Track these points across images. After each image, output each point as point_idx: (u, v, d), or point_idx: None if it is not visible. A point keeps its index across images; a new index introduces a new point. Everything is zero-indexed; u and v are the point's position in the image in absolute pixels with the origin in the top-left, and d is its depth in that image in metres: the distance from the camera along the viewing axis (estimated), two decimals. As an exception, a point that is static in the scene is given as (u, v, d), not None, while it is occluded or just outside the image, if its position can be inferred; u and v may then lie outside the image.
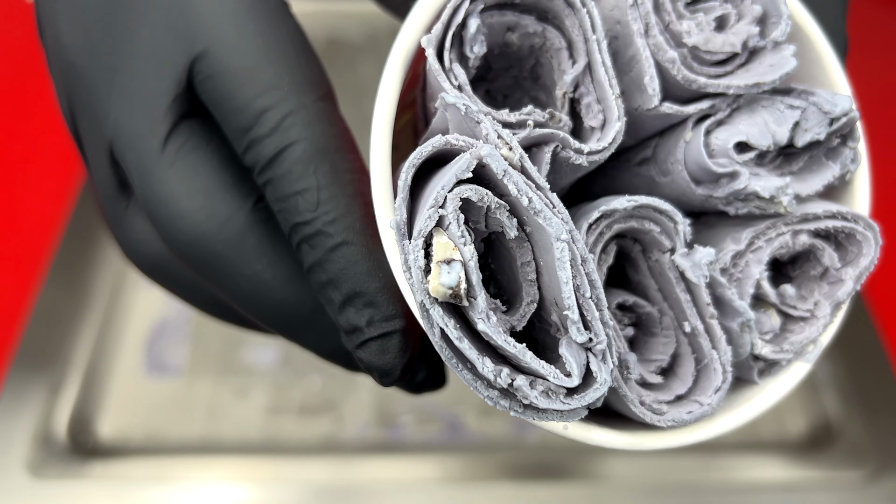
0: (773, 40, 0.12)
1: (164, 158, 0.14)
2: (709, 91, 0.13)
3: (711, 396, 0.13)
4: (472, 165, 0.11)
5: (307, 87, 0.14)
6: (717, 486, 0.39)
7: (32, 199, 0.54)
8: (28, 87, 0.63)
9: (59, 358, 0.43)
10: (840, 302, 0.14)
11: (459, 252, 0.11)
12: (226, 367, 0.44)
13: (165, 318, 0.47)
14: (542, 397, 0.12)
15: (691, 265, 0.13)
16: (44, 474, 0.39)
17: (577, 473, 0.39)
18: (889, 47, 0.67)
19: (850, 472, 0.39)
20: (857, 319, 0.45)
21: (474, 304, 0.11)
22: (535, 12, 0.13)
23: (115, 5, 0.14)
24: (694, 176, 0.13)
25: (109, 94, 0.14)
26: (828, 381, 0.43)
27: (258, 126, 0.13)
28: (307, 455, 0.40)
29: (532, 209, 0.11)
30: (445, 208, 0.11)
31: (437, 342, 0.12)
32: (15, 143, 0.58)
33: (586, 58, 0.12)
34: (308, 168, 0.13)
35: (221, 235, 0.14)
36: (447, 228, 0.11)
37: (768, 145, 0.12)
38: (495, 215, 0.12)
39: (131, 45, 0.14)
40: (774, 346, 0.14)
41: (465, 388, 0.45)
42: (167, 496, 0.38)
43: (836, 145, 0.14)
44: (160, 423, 0.42)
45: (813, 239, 0.14)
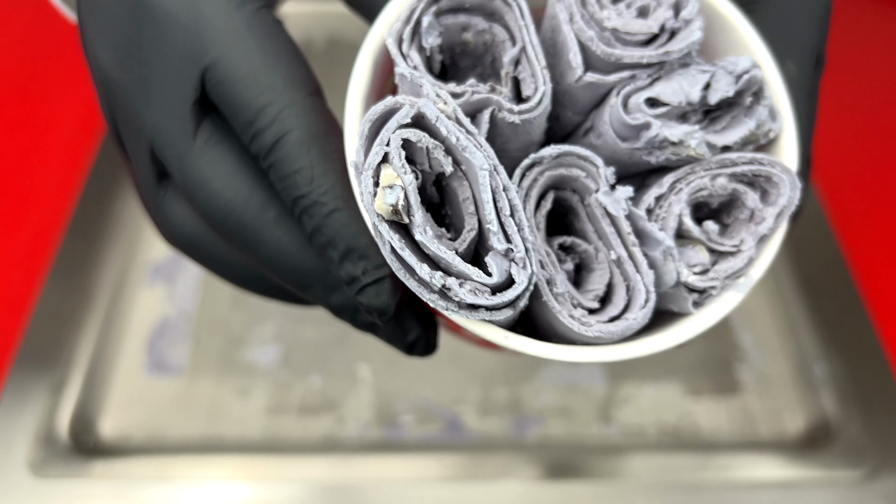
0: (683, 19, 0.15)
1: (196, 151, 0.17)
2: (626, 62, 0.15)
3: (637, 313, 0.15)
4: (412, 113, 0.14)
5: (299, 86, 0.17)
6: (715, 485, 0.39)
7: (35, 200, 0.54)
8: (31, 87, 0.63)
9: (61, 357, 0.43)
10: (763, 236, 0.16)
11: (401, 180, 0.14)
12: (227, 367, 0.44)
13: (166, 318, 0.47)
14: (470, 294, 0.14)
15: (612, 201, 0.15)
16: (45, 473, 0.39)
17: (575, 472, 0.40)
18: (889, 47, 0.67)
19: (848, 471, 0.39)
20: (856, 319, 0.45)
21: (413, 221, 0.14)
22: (483, 13, 0.16)
23: (141, 28, 0.17)
24: (619, 133, 0.15)
25: (144, 103, 0.17)
26: (826, 381, 0.43)
27: (259, 120, 0.16)
28: (308, 454, 0.40)
29: (460, 146, 0.14)
30: (389, 146, 0.14)
31: (388, 255, 0.14)
32: (18, 143, 0.58)
33: (521, 42, 0.15)
34: (302, 150, 0.16)
35: (247, 209, 0.17)
36: (391, 162, 0.14)
37: (679, 101, 0.15)
38: (434, 155, 0.14)
39: (156, 59, 0.17)
40: (702, 276, 0.15)
41: (465, 387, 0.45)
42: (168, 495, 0.39)
43: (750, 104, 0.15)
44: (161, 423, 0.42)
45: (735, 184, 0.15)
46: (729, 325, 0.47)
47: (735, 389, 0.44)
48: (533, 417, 0.42)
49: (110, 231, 0.50)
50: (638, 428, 0.42)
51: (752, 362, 0.45)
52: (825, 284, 0.47)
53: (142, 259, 0.50)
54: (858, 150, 0.58)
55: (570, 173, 0.15)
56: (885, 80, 0.64)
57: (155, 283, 0.48)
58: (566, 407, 0.43)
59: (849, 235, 0.52)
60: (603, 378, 0.44)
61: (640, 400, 0.43)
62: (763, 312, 0.47)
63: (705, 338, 0.47)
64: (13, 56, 0.66)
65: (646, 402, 0.43)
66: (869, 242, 0.52)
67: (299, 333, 0.46)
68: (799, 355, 0.45)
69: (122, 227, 0.50)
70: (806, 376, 0.44)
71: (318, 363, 0.45)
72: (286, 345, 0.46)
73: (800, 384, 0.44)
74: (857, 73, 0.65)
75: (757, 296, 0.48)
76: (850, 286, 0.47)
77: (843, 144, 0.59)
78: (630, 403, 0.43)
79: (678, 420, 0.42)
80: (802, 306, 0.47)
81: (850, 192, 0.55)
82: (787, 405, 0.43)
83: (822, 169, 0.56)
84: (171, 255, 0.50)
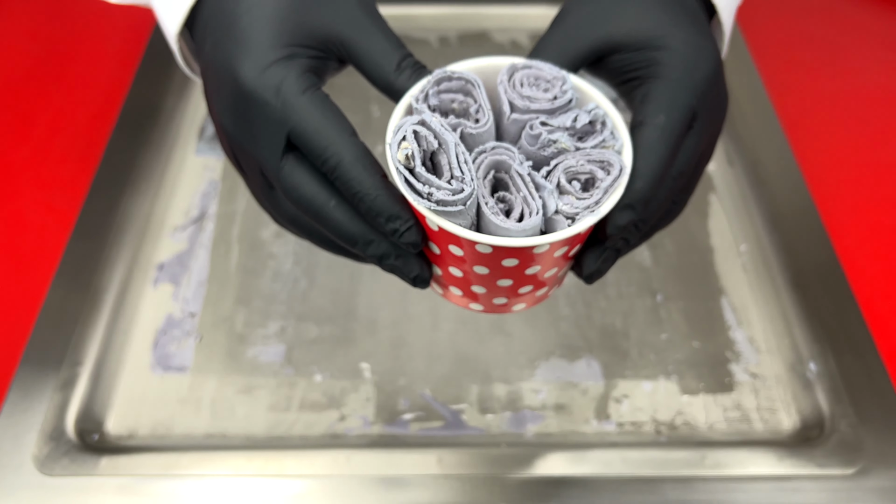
0: (563, 91, 0.28)
1: (286, 172, 0.27)
2: (533, 108, 0.27)
3: (533, 217, 0.25)
4: (418, 119, 0.25)
5: (343, 132, 0.26)
6: (710, 481, 0.40)
7: (42, 201, 0.55)
8: (37, 90, 0.63)
9: (67, 355, 0.44)
10: (604, 189, 0.26)
11: (410, 147, 0.24)
12: (230, 365, 0.45)
13: (171, 317, 0.47)
14: (440, 194, 0.24)
15: (521, 167, 0.26)
16: (52, 470, 0.40)
17: (573, 467, 0.40)
18: (889, 47, 0.67)
19: (841, 467, 0.40)
20: (849, 318, 0.46)
21: (415, 165, 0.25)
22: (462, 92, 0.28)
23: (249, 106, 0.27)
24: (528, 142, 0.27)
25: (254, 147, 0.28)
26: (819, 378, 0.44)
27: (325, 154, 0.26)
28: (311, 450, 0.41)
29: (441, 132, 0.25)
30: (406, 131, 0.25)
31: (401, 182, 0.25)
32: (24, 146, 0.59)
33: (479, 103, 0.27)
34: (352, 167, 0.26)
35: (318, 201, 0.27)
36: (406, 139, 0.25)
37: (559, 125, 0.27)
38: (429, 140, 0.25)
39: (260, 125, 0.27)
40: (570, 208, 0.26)
41: (465, 386, 0.46)
42: (173, 490, 0.39)
43: (599, 129, 0.27)
44: (166, 420, 0.43)
45: (591, 166, 0.26)
46: (724, 324, 0.47)
47: (730, 387, 0.44)
48: (531, 414, 0.43)
49: (116, 231, 0.50)
50: (634, 425, 0.43)
51: (747, 360, 0.46)
52: (819, 283, 0.48)
53: (147, 258, 0.50)
54: (852, 152, 0.59)
55: (501, 157, 0.26)
56: (880, 82, 0.65)
57: (160, 282, 0.49)
58: (564, 404, 0.44)
59: (842, 235, 0.52)
60: (600, 376, 0.45)
61: (637, 397, 0.44)
62: (757, 311, 0.48)
63: (701, 337, 0.47)
64: (19, 57, 0.66)
65: (642, 399, 0.44)
66: (861, 242, 0.52)
67: (302, 332, 0.47)
68: (793, 353, 0.45)
69: (128, 227, 0.51)
70: (799, 374, 0.45)
71: (320, 361, 0.45)
72: (289, 343, 0.46)
73: (793, 382, 0.44)
74: (855, 73, 0.65)
75: (752, 295, 0.49)
76: (843, 285, 0.48)
77: (838, 146, 0.59)
78: (626, 401, 0.44)
79: (674, 417, 0.43)
80: (796, 305, 0.47)
81: (843, 192, 0.56)
82: (781, 402, 0.44)
83: (817, 170, 0.56)
84: (175, 255, 0.50)
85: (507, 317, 0.47)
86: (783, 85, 0.63)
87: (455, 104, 0.27)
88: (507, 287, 0.28)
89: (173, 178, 0.55)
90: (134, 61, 0.63)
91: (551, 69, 0.27)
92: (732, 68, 0.62)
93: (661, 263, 0.50)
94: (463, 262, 0.26)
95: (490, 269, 0.26)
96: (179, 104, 0.60)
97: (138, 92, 0.60)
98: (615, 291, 0.49)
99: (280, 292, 0.49)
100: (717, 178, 0.56)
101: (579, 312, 0.48)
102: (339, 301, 0.48)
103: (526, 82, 0.27)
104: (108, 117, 0.59)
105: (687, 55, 0.27)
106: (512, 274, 0.26)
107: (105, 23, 0.69)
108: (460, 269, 0.27)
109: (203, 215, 0.53)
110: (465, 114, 0.27)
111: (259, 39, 0.26)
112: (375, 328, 0.47)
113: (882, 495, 0.39)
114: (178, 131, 0.59)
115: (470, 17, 0.69)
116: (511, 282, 0.27)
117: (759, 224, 0.52)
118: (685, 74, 0.27)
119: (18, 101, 0.62)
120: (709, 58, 0.28)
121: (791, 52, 0.67)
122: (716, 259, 0.51)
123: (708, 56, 0.28)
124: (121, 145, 0.55)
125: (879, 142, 0.60)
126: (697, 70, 0.27)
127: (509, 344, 0.46)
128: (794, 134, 0.58)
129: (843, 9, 0.71)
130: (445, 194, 0.24)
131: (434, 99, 0.26)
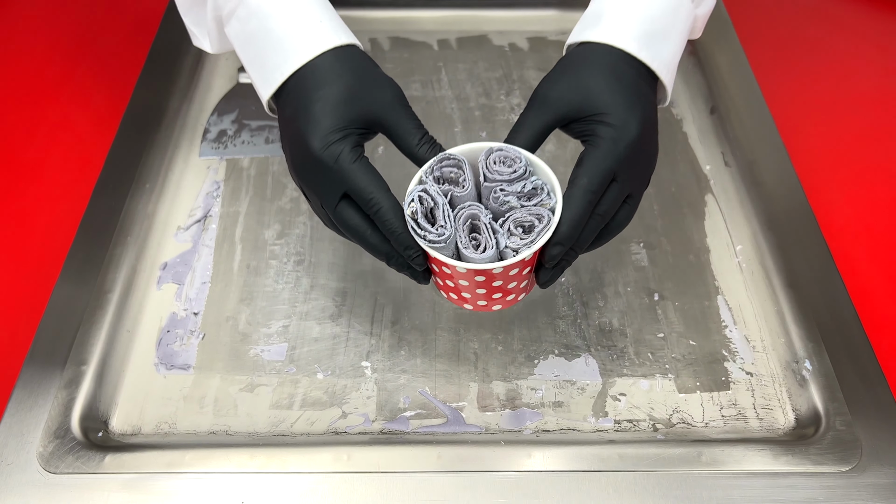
0: (522, 167, 0.37)
1: (340, 211, 0.38)
2: (496, 178, 0.37)
3: (489, 251, 0.36)
4: (422, 188, 0.37)
5: (381, 188, 0.37)
6: (706, 477, 0.40)
7: (47, 202, 0.55)
8: (43, 92, 0.64)
9: (72, 354, 0.44)
10: (538, 232, 0.36)
11: (416, 206, 0.36)
12: (233, 363, 0.45)
13: (175, 315, 0.48)
14: (433, 237, 0.36)
15: (485, 218, 0.37)
16: (57, 467, 0.40)
17: (572, 463, 0.40)
18: (883, 49, 0.68)
19: (836, 464, 0.40)
20: (844, 316, 0.46)
21: (418, 219, 0.36)
22: (455, 167, 0.38)
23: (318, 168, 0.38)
24: (494, 202, 0.37)
25: (317, 196, 0.39)
26: (815, 376, 0.44)
27: (369, 203, 0.37)
28: (313, 447, 0.41)
29: (437, 198, 0.37)
30: (414, 195, 0.37)
31: (411, 227, 0.36)
32: (30, 147, 0.59)
33: (465, 175, 0.38)
34: (388, 213, 0.37)
35: (362, 229, 0.38)
36: (414, 201, 0.36)
37: (513, 190, 0.37)
38: (428, 200, 0.37)
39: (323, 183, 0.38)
40: (515, 244, 0.36)
41: (465, 384, 0.46)
42: (177, 487, 0.39)
43: (540, 192, 0.37)
44: (170, 417, 0.43)
45: (531, 218, 0.36)
46: (720, 323, 0.48)
47: (726, 385, 0.45)
48: (530, 412, 0.43)
49: (121, 231, 0.51)
50: (632, 422, 0.43)
51: (743, 359, 0.46)
52: (814, 283, 0.48)
53: (151, 258, 0.51)
54: (847, 153, 0.59)
55: (473, 211, 0.37)
56: (875, 83, 0.65)
57: (164, 281, 0.49)
58: (562, 402, 0.44)
59: (836, 235, 0.53)
60: (598, 374, 0.45)
61: (634, 395, 0.44)
62: (753, 310, 0.48)
63: (698, 335, 0.48)
64: (26, 59, 0.67)
65: (639, 397, 0.44)
66: (856, 242, 0.53)
67: (304, 331, 0.47)
68: (788, 352, 0.46)
69: (132, 228, 0.51)
70: (795, 372, 0.45)
71: (322, 359, 0.46)
72: (291, 342, 0.46)
73: (789, 380, 0.45)
74: (850, 75, 0.66)
75: (748, 294, 0.49)
76: (837, 284, 0.48)
77: (833, 147, 0.60)
78: (624, 398, 0.44)
79: (671, 414, 0.43)
80: (792, 304, 0.47)
81: (838, 193, 0.56)
82: (776, 400, 0.44)
83: (812, 171, 0.57)
84: (179, 256, 0.51)
85: (507, 317, 0.48)
86: (779, 87, 0.64)
87: (452, 174, 0.38)
88: (483, 294, 0.39)
89: (177, 179, 0.56)
90: (138, 64, 0.64)
91: (515, 151, 0.38)
92: (729, 70, 0.63)
93: (658, 263, 0.51)
94: (451, 278, 0.38)
95: (468, 282, 0.38)
96: (183, 106, 0.61)
97: (142, 94, 0.60)
98: (613, 291, 0.49)
99: (282, 291, 0.49)
100: (714, 179, 0.56)
101: (577, 312, 0.48)
102: (340, 300, 0.49)
103: (496, 160, 0.38)
104: (112, 119, 0.59)
105: (616, 127, 0.37)
106: (483, 286, 0.38)
107: (110, 26, 0.70)
108: (451, 282, 0.39)
109: (206, 216, 0.54)
110: (456, 181, 0.38)
111: (324, 122, 0.37)
112: (376, 327, 0.47)
113: (876, 492, 0.39)
114: (182, 133, 0.59)
115: (469, 20, 0.70)
116: (485, 290, 0.39)
117: (755, 224, 0.52)
118: (611, 144, 0.37)
119: (24, 102, 0.63)
120: (633, 128, 0.37)
121: (786, 54, 0.67)
122: (712, 259, 0.51)
123: (633, 127, 0.37)
124: (125, 147, 0.56)
125: (874, 143, 0.60)
126: (621, 140, 0.37)
127: (508, 343, 0.47)
128: (790, 135, 0.58)
129: (837, 11, 0.72)
130: (435, 236, 0.36)
131: (437, 171, 0.38)
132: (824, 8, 0.72)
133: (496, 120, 0.61)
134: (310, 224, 0.53)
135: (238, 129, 0.59)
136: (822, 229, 0.51)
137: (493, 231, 0.36)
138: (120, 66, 0.65)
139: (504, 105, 0.62)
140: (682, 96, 0.63)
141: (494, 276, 0.37)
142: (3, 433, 0.41)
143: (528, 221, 0.37)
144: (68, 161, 0.58)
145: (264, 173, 0.57)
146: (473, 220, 0.37)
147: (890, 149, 0.60)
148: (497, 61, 0.66)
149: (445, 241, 0.36)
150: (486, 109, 0.62)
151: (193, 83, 0.63)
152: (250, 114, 0.60)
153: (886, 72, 0.66)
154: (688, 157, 0.58)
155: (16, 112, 0.62)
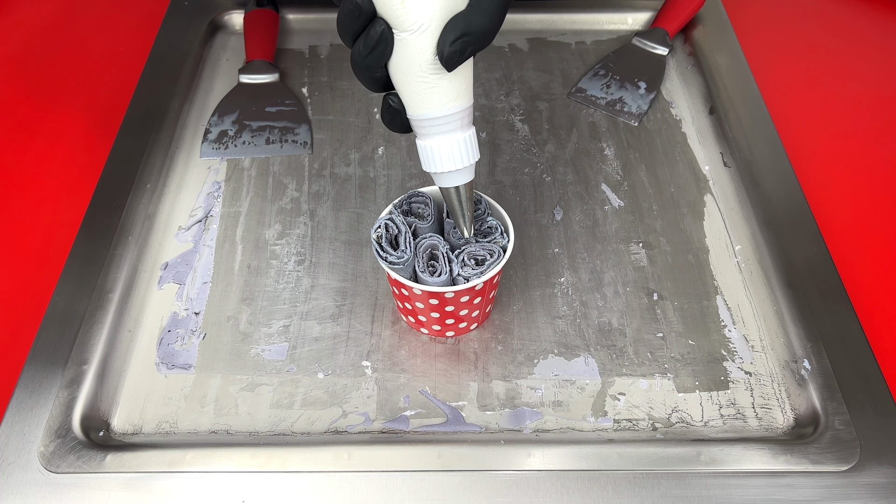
0: (479, 209, 0.43)
1: None
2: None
3: (443, 276, 0.40)
4: (388, 217, 0.42)
5: None
6: (705, 477, 0.40)
7: (48, 202, 0.55)
8: (43, 92, 0.64)
9: (73, 354, 0.44)
10: (488, 265, 0.41)
11: (381, 231, 0.41)
12: (234, 363, 0.46)
13: (176, 315, 0.48)
14: (393, 259, 0.40)
15: (442, 248, 0.41)
16: (58, 467, 0.40)
17: (571, 462, 0.40)
18: (883, 49, 0.68)
19: (835, 464, 0.40)
20: (843, 316, 0.47)
21: (382, 244, 0.40)
22: (422, 203, 0.43)
23: None
24: (453, 236, 0.42)
25: None
26: (814, 376, 0.44)
27: None
28: (313, 446, 0.41)
29: (400, 227, 0.41)
30: (381, 222, 0.41)
31: (375, 249, 0.40)
32: (31, 147, 0.59)
33: (432, 210, 0.43)
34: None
35: None
36: (380, 227, 0.41)
37: (471, 232, 0.41)
38: (392, 228, 0.41)
39: None
40: (468, 273, 0.40)
41: (465, 383, 0.46)
42: (178, 486, 0.40)
43: (494, 231, 0.42)
44: (171, 416, 0.43)
45: (484, 252, 0.41)
46: (719, 322, 0.48)
47: (725, 384, 0.45)
48: (530, 411, 0.44)
49: (122, 231, 0.51)
50: (631, 422, 0.43)
51: (742, 358, 0.46)
52: (812, 282, 0.48)
53: (152, 258, 0.51)
54: (846, 153, 0.59)
55: (432, 241, 0.41)
56: (874, 83, 0.65)
57: (165, 281, 0.50)
58: (562, 401, 0.44)
59: (835, 235, 0.53)
60: (597, 374, 0.45)
61: (633, 395, 0.44)
62: (752, 310, 0.49)
63: (697, 335, 0.48)
64: (26, 60, 0.67)
65: (638, 396, 0.44)
66: (854, 241, 0.53)
67: (305, 330, 0.47)
68: (787, 351, 0.46)
69: (133, 228, 0.51)
70: (794, 372, 0.45)
71: (323, 359, 0.46)
72: (292, 341, 0.47)
73: (788, 379, 0.45)
74: (849, 75, 0.66)
75: (747, 294, 0.49)
76: (836, 284, 0.48)
77: (831, 147, 0.60)
78: (623, 398, 0.44)
79: (670, 414, 0.44)
80: (790, 304, 0.48)
81: (837, 192, 0.56)
82: (775, 400, 0.44)
83: (810, 171, 0.57)
84: (180, 256, 0.51)
85: (507, 317, 0.48)
86: (777, 87, 0.64)
87: (419, 209, 0.43)
88: (437, 318, 0.44)
89: (178, 179, 0.56)
90: (139, 64, 0.64)
91: (476, 195, 0.42)
92: (728, 71, 0.63)
93: (658, 263, 0.51)
94: (409, 300, 0.43)
95: (423, 304, 0.42)
96: (184, 106, 0.61)
97: (143, 95, 0.60)
98: (612, 291, 0.49)
99: (283, 291, 0.49)
100: (713, 179, 0.56)
101: (576, 311, 0.48)
102: (341, 300, 0.49)
103: None
104: (113, 119, 0.59)
105: None
106: (437, 309, 0.42)
107: (110, 25, 0.70)
108: (409, 304, 0.43)
109: (207, 216, 0.54)
110: (422, 215, 0.43)
111: None
112: (377, 326, 0.48)
113: (876, 491, 0.39)
114: (183, 133, 0.59)
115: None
116: (438, 315, 0.43)
117: (754, 224, 0.52)
118: None
119: (25, 102, 0.63)
120: None
121: (785, 54, 0.68)
122: (711, 258, 0.51)
123: None
124: (126, 147, 0.56)
125: (873, 143, 0.60)
126: None
127: (508, 342, 0.47)
128: (788, 135, 0.58)
129: (836, 11, 0.72)
130: (395, 259, 0.40)
131: (406, 205, 0.43)
132: (823, 8, 0.72)
133: (496, 120, 0.61)
134: (310, 224, 0.53)
135: (239, 130, 0.59)
136: (821, 229, 0.52)
137: (449, 260, 0.41)
138: (121, 66, 0.65)
139: (504, 105, 0.62)
140: (681, 97, 0.63)
141: (447, 300, 0.41)
142: (5, 433, 0.41)
143: (481, 255, 0.41)
144: (69, 161, 0.58)
145: (265, 174, 0.57)
146: (433, 250, 0.41)
147: (889, 149, 0.60)
148: (496, 62, 0.66)
149: (404, 264, 0.40)
150: (486, 110, 0.62)
151: (194, 84, 0.63)
152: (251, 114, 0.60)
153: (886, 72, 0.66)
154: (687, 158, 0.58)
155: (16, 112, 0.62)
